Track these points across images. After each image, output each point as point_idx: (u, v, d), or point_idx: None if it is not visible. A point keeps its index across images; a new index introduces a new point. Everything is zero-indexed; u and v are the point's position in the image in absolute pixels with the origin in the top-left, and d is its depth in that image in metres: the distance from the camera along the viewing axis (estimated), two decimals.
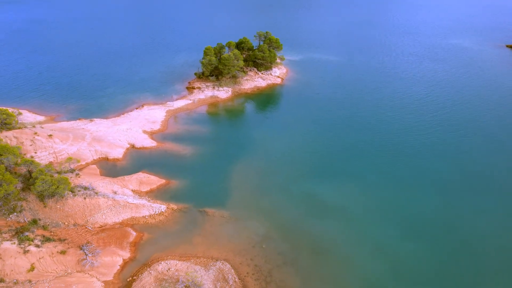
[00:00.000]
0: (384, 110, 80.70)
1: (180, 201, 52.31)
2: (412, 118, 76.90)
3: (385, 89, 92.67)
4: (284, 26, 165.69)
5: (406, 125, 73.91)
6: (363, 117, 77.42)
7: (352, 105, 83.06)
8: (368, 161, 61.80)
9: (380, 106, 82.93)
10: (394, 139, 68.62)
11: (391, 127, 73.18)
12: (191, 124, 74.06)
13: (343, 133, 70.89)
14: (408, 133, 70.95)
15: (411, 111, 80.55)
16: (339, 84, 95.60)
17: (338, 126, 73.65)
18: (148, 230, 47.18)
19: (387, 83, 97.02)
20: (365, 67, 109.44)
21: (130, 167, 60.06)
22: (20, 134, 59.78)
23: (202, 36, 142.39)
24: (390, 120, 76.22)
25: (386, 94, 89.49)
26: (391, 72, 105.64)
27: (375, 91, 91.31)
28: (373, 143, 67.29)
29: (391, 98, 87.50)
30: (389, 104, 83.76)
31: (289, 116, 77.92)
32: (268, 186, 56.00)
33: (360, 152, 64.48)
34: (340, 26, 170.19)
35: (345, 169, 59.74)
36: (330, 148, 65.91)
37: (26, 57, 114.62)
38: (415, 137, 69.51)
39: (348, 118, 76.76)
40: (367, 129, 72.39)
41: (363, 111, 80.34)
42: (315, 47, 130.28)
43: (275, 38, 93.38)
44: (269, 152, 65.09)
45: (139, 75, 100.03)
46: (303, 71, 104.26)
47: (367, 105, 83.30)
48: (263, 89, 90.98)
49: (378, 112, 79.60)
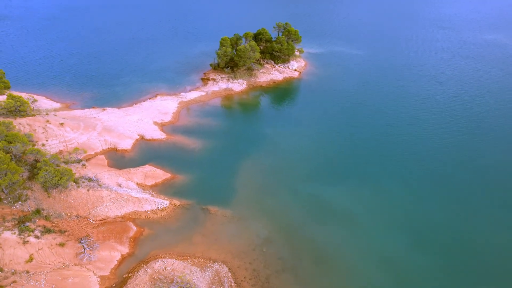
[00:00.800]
0: (406, 111, 76.10)
1: (183, 197, 51.51)
2: (437, 121, 72.08)
3: (410, 88, 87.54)
4: (307, 16, 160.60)
5: (429, 129, 69.40)
6: (382, 118, 73.39)
7: (372, 105, 78.93)
8: (382, 165, 58.58)
9: (403, 106, 78.27)
10: (414, 143, 64.59)
11: (412, 130, 68.88)
12: (202, 116, 72.90)
13: (359, 134, 67.55)
14: (430, 137, 66.55)
15: (436, 113, 75.54)
16: (360, 81, 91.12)
17: (354, 126, 70.29)
18: (149, 225, 46.71)
19: (412, 81, 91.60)
20: (389, 63, 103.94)
21: (138, 159, 59.78)
22: (33, 122, 60.60)
23: (223, 26, 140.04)
24: (412, 122, 71.69)
25: (410, 94, 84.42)
26: (417, 70, 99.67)
27: (398, 89, 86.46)
28: (391, 146, 63.70)
29: (415, 98, 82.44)
30: (412, 105, 78.94)
31: (304, 113, 75.18)
32: (275, 185, 54.22)
33: (375, 155, 61.19)
34: (366, 17, 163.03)
35: (357, 172, 56.92)
36: (344, 149, 63.00)
37: (51, 44, 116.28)
38: (438, 142, 65.10)
39: (366, 118, 73.03)
40: (386, 131, 68.59)
41: (383, 111, 76.14)
42: (337, 39, 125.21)
43: (294, 29, 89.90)
44: (280, 149, 63.06)
45: (156, 64, 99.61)
46: (322, 65, 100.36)
47: (388, 105, 78.89)
48: (279, 82, 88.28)
49: (400, 113, 75.15)
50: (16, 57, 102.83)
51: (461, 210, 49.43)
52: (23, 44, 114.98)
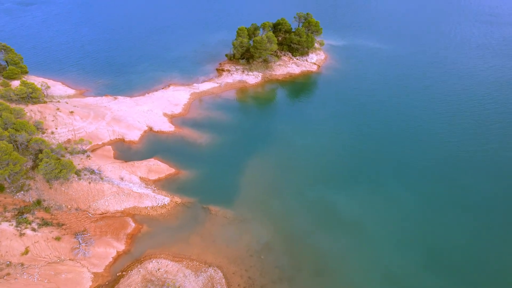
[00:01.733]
0: (431, 115, 70.42)
1: (185, 194, 50.30)
2: (465, 129, 66.04)
3: (437, 89, 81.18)
4: (332, 7, 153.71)
5: (455, 136, 63.83)
6: (403, 120, 68.51)
7: (393, 105, 73.98)
8: (398, 172, 54.78)
9: (427, 109, 72.51)
10: (436, 152, 59.58)
11: (435, 136, 63.68)
12: (213, 109, 71.07)
13: (376, 136, 63.44)
14: (457, 146, 61.14)
15: (465, 119, 69.29)
16: (382, 78, 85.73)
17: (372, 127, 66.15)
18: (148, 222, 45.91)
19: (441, 81, 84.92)
20: (416, 60, 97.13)
21: (144, 151, 59.01)
22: (44, 109, 60.86)
23: (246, 14, 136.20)
24: (436, 128, 66.11)
25: (438, 95, 78.12)
26: (448, 68, 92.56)
27: (424, 90, 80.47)
28: (410, 153, 59.21)
29: (443, 100, 76.18)
30: (438, 108, 72.95)
31: (319, 110, 71.72)
32: (281, 187, 52.00)
33: (392, 161, 57.26)
34: (397, 9, 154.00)
35: (370, 178, 53.56)
36: (358, 152, 59.44)
37: (74, 29, 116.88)
38: (465, 152, 59.63)
39: (385, 120, 68.47)
40: (406, 135, 64.04)
41: (404, 113, 71.00)
42: (362, 32, 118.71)
43: (315, 20, 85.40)
44: (290, 148, 60.48)
45: (173, 53, 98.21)
46: (344, 59, 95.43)
47: (411, 107, 73.39)
48: (296, 76, 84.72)
49: (423, 117, 69.63)
50: (39, 41, 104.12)
51: (482, 228, 45.41)
52: (47, 28, 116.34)
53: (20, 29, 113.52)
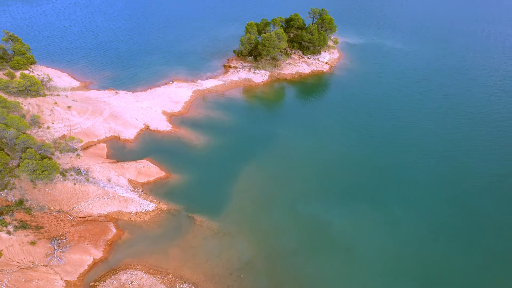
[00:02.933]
0: (448, 130, 64.09)
1: (172, 200, 48.44)
2: (486, 149, 59.37)
3: (458, 99, 74.45)
4: (355, 2, 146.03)
5: (471, 157, 57.46)
6: (415, 135, 62.71)
7: (406, 116, 68.12)
8: (402, 193, 50.40)
9: (444, 122, 66.32)
10: (447, 173, 54.13)
11: (448, 156, 57.85)
12: (214, 109, 68.52)
13: (383, 150, 58.68)
14: (471, 169, 55.18)
15: (488, 138, 62.30)
16: (399, 83, 79.64)
17: (378, 139, 61.48)
18: (130, 228, 44.42)
19: (464, 89, 78.02)
20: (439, 64, 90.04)
21: (138, 150, 57.52)
22: (42, 103, 60.34)
23: (267, 7, 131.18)
24: (451, 147, 59.99)
25: (457, 106, 71.67)
26: (474, 75, 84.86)
27: (443, 99, 74.05)
28: (417, 172, 54.30)
29: (463, 113, 69.35)
30: (458, 123, 66.38)
31: (325, 116, 67.54)
32: (273, 198, 49.17)
33: (396, 179, 52.78)
34: (424, 6, 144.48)
35: (370, 196, 49.62)
36: (360, 166, 55.23)
37: (90, 19, 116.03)
38: (482, 176, 53.65)
39: (394, 133, 63.25)
40: (415, 153, 58.39)
41: (418, 127, 64.81)
42: (383, 30, 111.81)
43: (329, 17, 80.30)
44: (289, 155, 57.26)
45: (183, 46, 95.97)
46: (359, 59, 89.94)
47: (426, 119, 67.33)
48: (305, 76, 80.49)
49: (439, 133, 63.44)
50: (54, 31, 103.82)
51: (492, 264, 40.91)
52: (65, 17, 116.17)
53: (38, 18, 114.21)
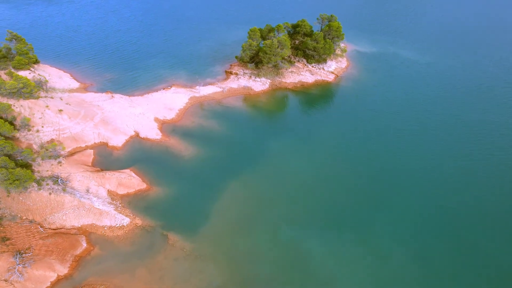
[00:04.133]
0: (455, 155, 58.15)
1: (149, 215, 46.73)
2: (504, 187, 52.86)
3: (473, 121, 67.24)
4: (372, 7, 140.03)
5: (482, 195, 51.53)
6: (421, 163, 56.41)
7: (413, 141, 61.42)
8: (397, 225, 46.32)
9: (453, 147, 60.15)
10: (452, 208, 49.22)
11: (452, 185, 52.87)
12: (209, 118, 66.38)
13: (382, 175, 54.15)
14: (479, 205, 50.31)
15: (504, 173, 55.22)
16: (407, 99, 73.72)
17: (378, 163, 56.54)
18: (102, 244, 43.00)
19: (481, 110, 70.10)
20: (460, 80, 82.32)
21: (124, 159, 56.23)
22: (34, 105, 60.07)
23: (282, 11, 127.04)
24: (459, 176, 54.21)
25: (471, 129, 65.01)
26: (494, 94, 76.66)
27: (461, 123, 66.34)
28: (419, 203, 49.85)
29: (486, 143, 61.40)
30: (468, 148, 60.07)
31: (321, 132, 63.68)
32: (254, 221, 46.60)
33: (393, 209, 48.63)
34: (449, 12, 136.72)
35: (361, 226, 46.02)
36: (354, 190, 51.43)
37: (103, 18, 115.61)
38: (489, 214, 48.92)
39: (397, 156, 57.79)
40: (418, 182, 52.90)
41: (425, 154, 58.50)
42: (400, 38, 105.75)
43: (337, 24, 76.25)
44: (279, 173, 54.40)
45: (188, 49, 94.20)
46: (368, 69, 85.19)
47: (438, 146, 60.35)
48: (308, 86, 76.89)
49: (445, 158, 57.50)
50: (66, 30, 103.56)
51: None
52: (80, 16, 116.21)
53: (54, 17, 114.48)
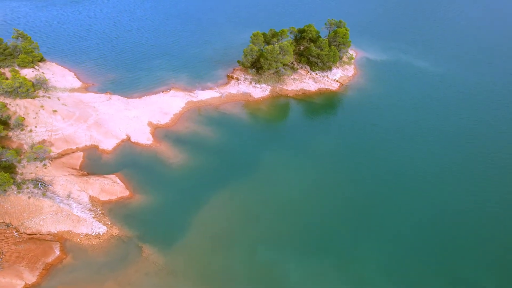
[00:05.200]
0: (473, 196, 51.51)
1: (128, 224, 45.70)
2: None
3: (487, 142, 61.61)
4: (390, 11, 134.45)
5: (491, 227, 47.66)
6: (416, 184, 52.65)
7: (412, 158, 57.36)
8: (387, 252, 43.23)
9: (460, 170, 55.28)
10: (453, 241, 45.62)
11: (455, 215, 49.16)
12: (203, 124, 64.83)
13: (379, 202, 50.14)
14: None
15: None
16: (415, 114, 68.50)
17: (371, 186, 52.58)
18: (75, 252, 42.27)
19: (497, 132, 64.31)
20: (471, 93, 76.38)
21: (112, 163, 55.54)
22: (29, 104, 60.41)
23: (295, 15, 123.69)
24: (466, 203, 50.20)
25: (484, 150, 59.63)
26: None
27: (466, 139, 62.33)
28: (417, 234, 46.44)
29: (490, 163, 56.77)
30: (480, 172, 54.90)
31: (320, 145, 60.61)
32: (234, 238, 44.74)
33: (384, 235, 45.44)
34: (476, 22, 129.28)
35: (345, 250, 43.33)
36: (347, 214, 48.22)
37: (116, 18, 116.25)
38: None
39: (397, 184, 53.03)
40: (417, 215, 48.64)
41: (421, 170, 54.83)
42: (415, 45, 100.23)
43: (343, 31, 72.76)
44: (267, 186, 52.21)
45: (193, 51, 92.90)
46: (377, 78, 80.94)
47: (438, 162, 56.40)
48: (311, 94, 73.87)
49: (449, 181, 53.20)
50: (79, 29, 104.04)
51: None
52: (95, 15, 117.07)
53: (69, 15, 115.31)
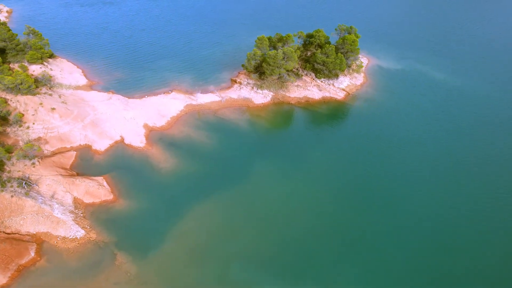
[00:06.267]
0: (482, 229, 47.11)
1: (107, 229, 45.03)
2: None
3: (503, 166, 56.45)
4: (411, 17, 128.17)
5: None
6: (419, 223, 47.86)
7: (420, 190, 52.01)
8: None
9: (483, 222, 48.69)
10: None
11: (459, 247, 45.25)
12: (199, 129, 63.50)
13: (370, 227, 46.73)
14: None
15: None
16: (423, 129, 63.91)
17: (370, 210, 49.09)
18: (50, 255, 41.94)
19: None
20: (490, 110, 70.52)
21: (103, 165, 55.25)
22: (29, 101, 61.25)
23: (311, 19, 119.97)
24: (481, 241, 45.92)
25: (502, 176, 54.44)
26: None
27: (478, 161, 57.33)
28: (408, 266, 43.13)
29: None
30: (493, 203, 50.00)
31: (317, 157, 57.72)
32: (211, 252, 43.12)
33: (368, 266, 42.36)
34: (501, 28, 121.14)
35: (326, 277, 40.37)
36: (332, 235, 45.37)
37: (133, 16, 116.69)
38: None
39: (395, 208, 49.17)
40: (413, 245, 44.86)
41: (422, 195, 51.19)
42: (434, 55, 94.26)
43: (352, 38, 69.15)
44: (256, 200, 50.20)
45: (202, 53, 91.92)
46: (387, 88, 76.54)
47: (444, 187, 52.22)
48: (314, 103, 70.83)
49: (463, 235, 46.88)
50: (95, 28, 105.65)
51: None
52: (113, 12, 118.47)
53: (87, 13, 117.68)
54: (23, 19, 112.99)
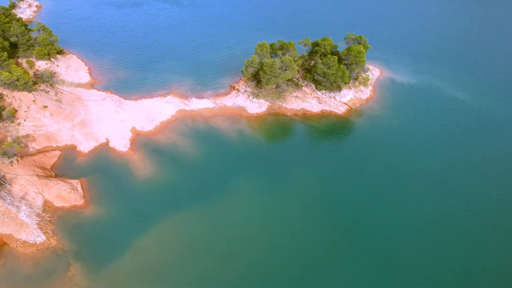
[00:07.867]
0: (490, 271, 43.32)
1: (69, 236, 44.19)
2: None
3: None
4: (435, 28, 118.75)
5: None
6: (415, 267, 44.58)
7: (420, 234, 48.01)
8: None
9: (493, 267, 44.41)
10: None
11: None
12: (186, 137, 61.47)
13: (353, 262, 43.48)
14: None
15: None
16: (429, 160, 57.47)
17: (358, 246, 45.67)
18: (7, 259, 41.63)
19: None
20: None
21: (83, 167, 54.75)
22: (24, 98, 62.20)
23: (337, 24, 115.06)
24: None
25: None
26: None
27: (491, 201, 51.55)
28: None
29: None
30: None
31: (304, 177, 53.75)
32: (170, 271, 41.20)
33: None
34: None
35: None
36: (306, 265, 41.81)
37: (153, 15, 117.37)
38: None
39: (388, 249, 45.63)
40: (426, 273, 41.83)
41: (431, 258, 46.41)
42: (456, 71, 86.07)
43: (358, 48, 63.75)
44: (231, 218, 47.53)
45: (210, 56, 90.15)
46: (396, 105, 70.22)
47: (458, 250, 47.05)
48: (311, 116, 66.39)
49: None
50: (111, 26, 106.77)
51: None
52: (134, 11, 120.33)
53: (106, 11, 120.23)
54: (49, 14, 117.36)
